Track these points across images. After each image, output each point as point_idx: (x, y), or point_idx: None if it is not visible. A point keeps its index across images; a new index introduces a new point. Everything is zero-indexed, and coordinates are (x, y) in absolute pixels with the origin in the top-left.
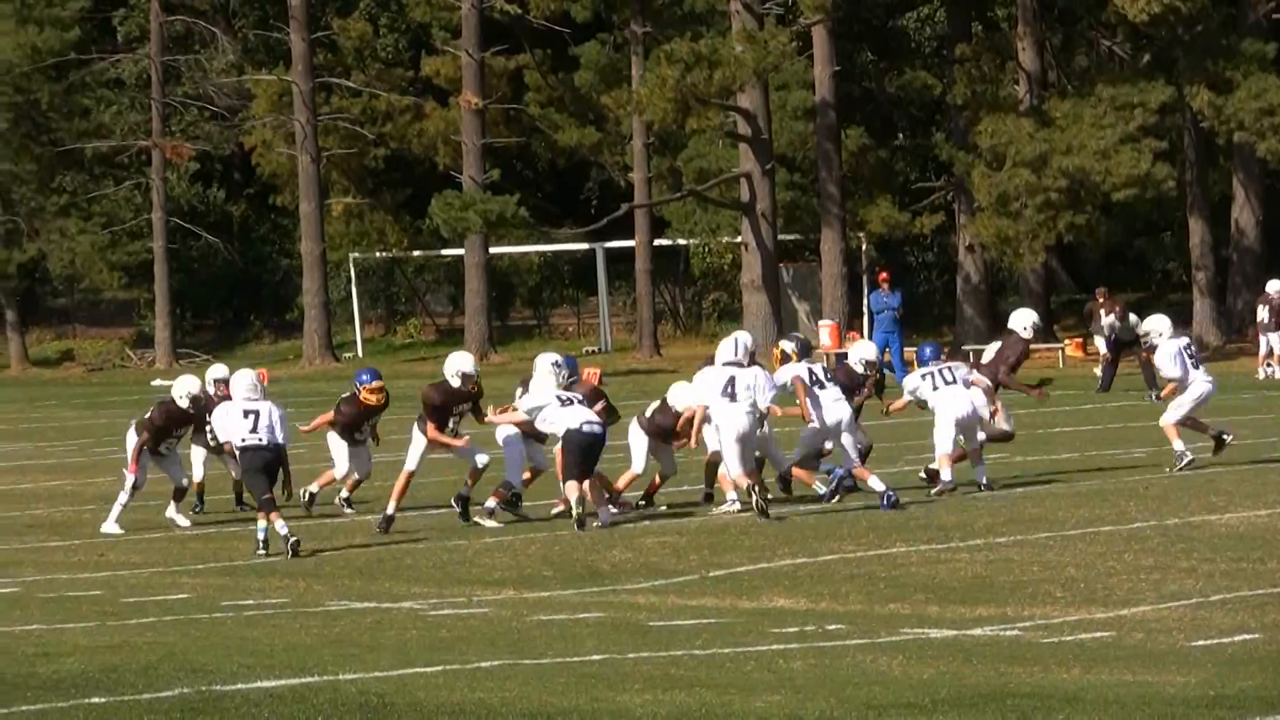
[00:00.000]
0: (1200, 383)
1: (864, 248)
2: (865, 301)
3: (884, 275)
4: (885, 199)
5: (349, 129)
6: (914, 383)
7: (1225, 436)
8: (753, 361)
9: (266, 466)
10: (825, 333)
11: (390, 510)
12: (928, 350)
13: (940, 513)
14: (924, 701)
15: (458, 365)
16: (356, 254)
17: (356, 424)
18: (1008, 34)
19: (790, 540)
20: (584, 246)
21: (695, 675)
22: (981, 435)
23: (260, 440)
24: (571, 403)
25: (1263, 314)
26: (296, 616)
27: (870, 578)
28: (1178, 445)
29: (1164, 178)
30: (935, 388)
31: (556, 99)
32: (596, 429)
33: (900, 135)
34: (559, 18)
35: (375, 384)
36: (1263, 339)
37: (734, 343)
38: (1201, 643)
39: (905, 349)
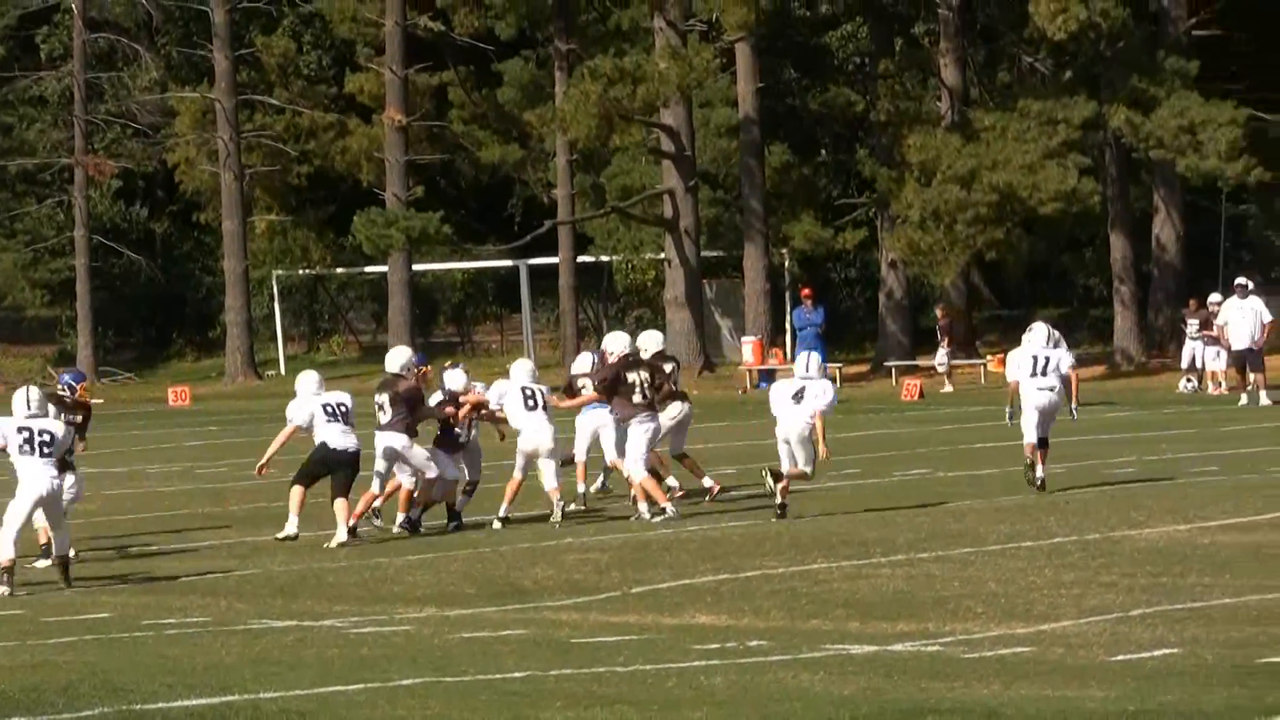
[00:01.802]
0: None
1: (787, 264)
2: (788, 318)
3: (807, 292)
4: (808, 215)
5: (272, 146)
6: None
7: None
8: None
9: None
10: (748, 349)
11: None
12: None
13: (862, 528)
14: (844, 717)
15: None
16: (280, 271)
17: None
18: (930, 51)
19: (712, 557)
20: (508, 263)
21: (617, 692)
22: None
23: None
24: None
25: (1191, 327)
26: (218, 635)
27: (792, 594)
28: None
29: (1090, 192)
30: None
31: (480, 116)
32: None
33: (823, 151)
34: (483, 35)
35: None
36: (1186, 351)
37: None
38: (1121, 657)
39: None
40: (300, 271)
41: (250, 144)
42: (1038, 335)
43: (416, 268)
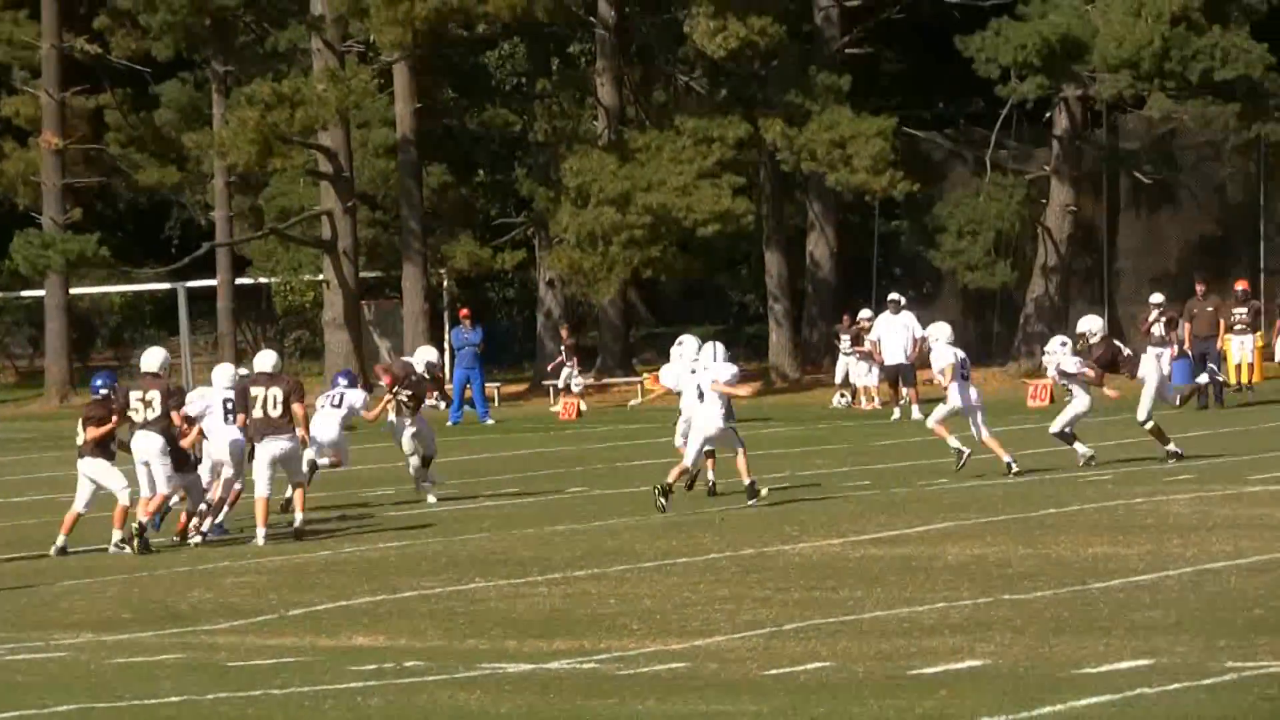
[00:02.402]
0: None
1: (445, 284)
2: (446, 338)
3: (465, 312)
4: (467, 235)
5: None
6: None
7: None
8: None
9: None
10: None
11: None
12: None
13: (518, 547)
14: None
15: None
16: None
17: None
18: (587, 70)
19: (370, 577)
20: (166, 286)
21: (272, 715)
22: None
23: None
24: None
25: (844, 343)
26: None
27: (449, 613)
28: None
29: (743, 212)
30: None
31: (137, 138)
32: None
33: (482, 172)
34: (140, 57)
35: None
36: (840, 367)
37: None
38: (774, 671)
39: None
40: None
41: None
42: (688, 349)
43: (74, 291)
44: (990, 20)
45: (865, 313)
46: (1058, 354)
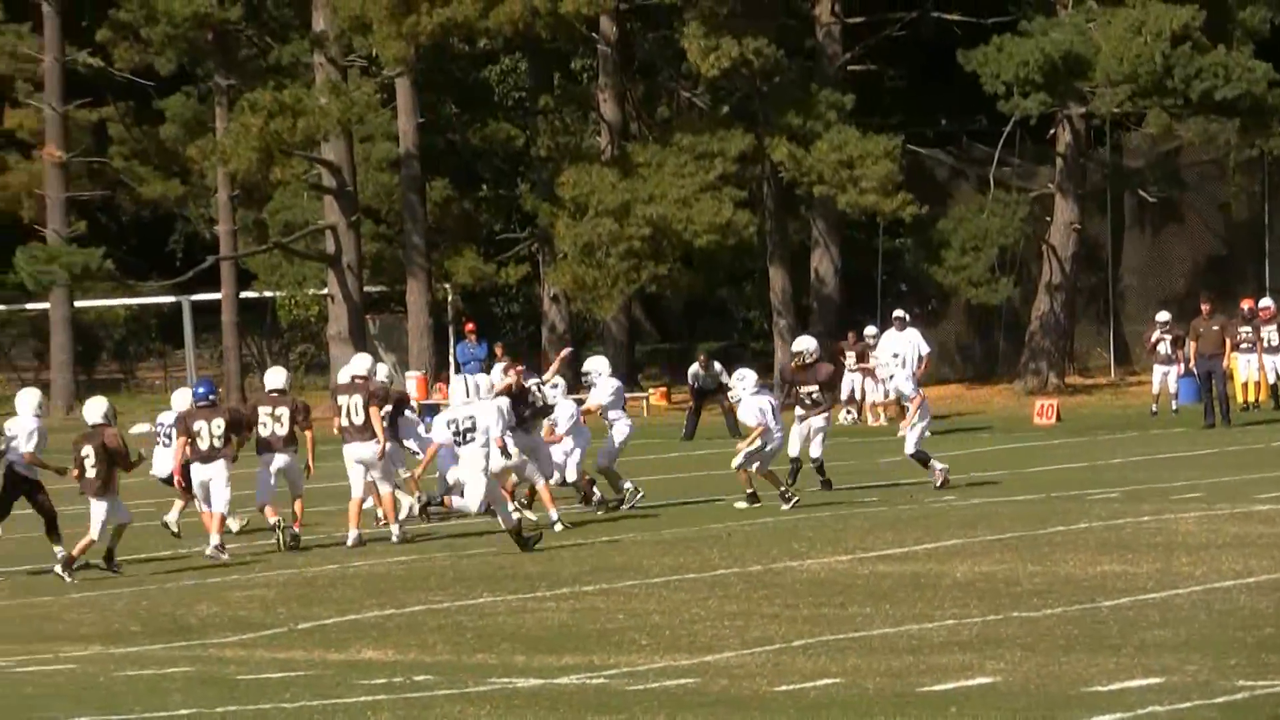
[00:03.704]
0: (775, 435)
1: (450, 299)
2: (452, 353)
3: (470, 326)
4: (470, 250)
5: None
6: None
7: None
8: None
9: None
10: (413, 384)
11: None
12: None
13: (526, 562)
14: None
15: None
16: None
17: None
18: (589, 86)
19: (378, 592)
20: (170, 299)
21: None
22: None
23: None
24: None
25: (849, 359)
26: None
27: (458, 628)
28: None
29: (745, 224)
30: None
31: (141, 151)
32: None
33: (485, 186)
34: (143, 70)
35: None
36: (845, 383)
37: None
38: (784, 687)
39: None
40: None
41: None
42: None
43: (78, 304)
44: (992, 37)
45: (871, 329)
46: (896, 375)
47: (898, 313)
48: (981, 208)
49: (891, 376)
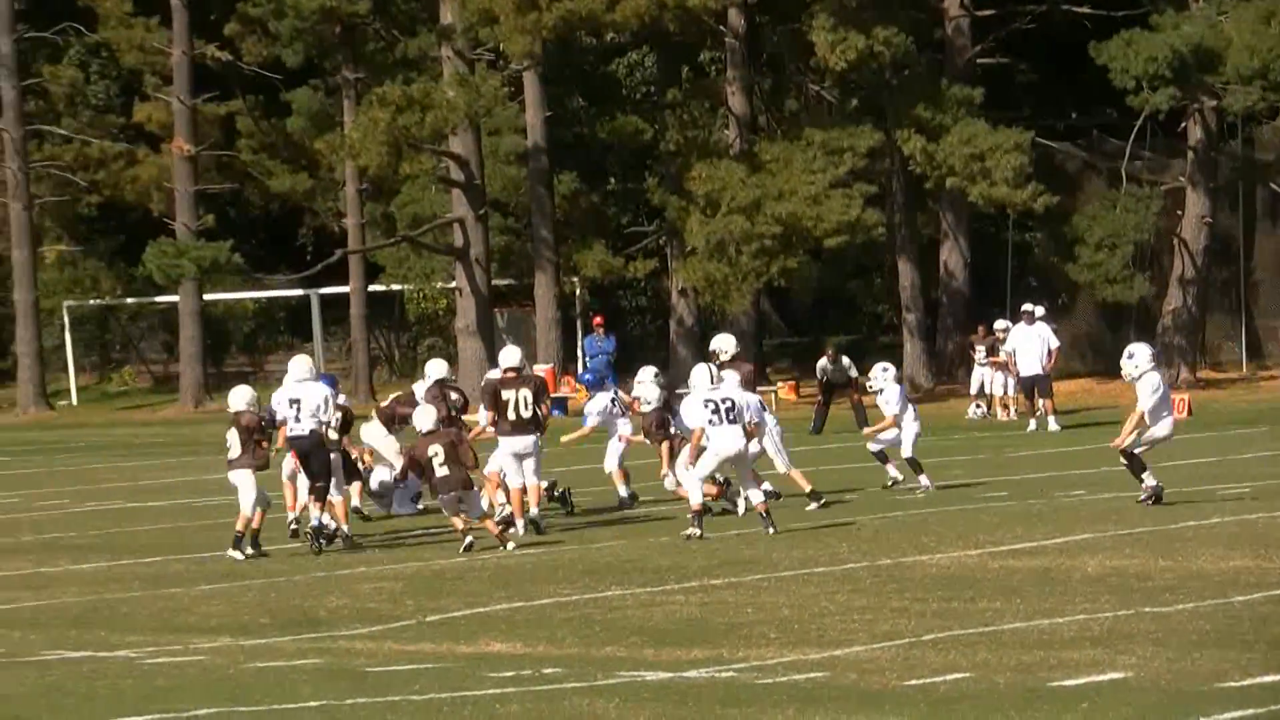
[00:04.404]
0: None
1: (578, 292)
2: (580, 346)
3: (599, 319)
4: (598, 243)
5: (61, 176)
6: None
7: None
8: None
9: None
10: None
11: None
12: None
13: (654, 555)
14: None
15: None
16: (70, 301)
17: None
18: (717, 80)
19: (506, 584)
20: (299, 292)
21: None
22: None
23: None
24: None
25: (979, 353)
26: (10, 666)
27: (585, 621)
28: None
29: (874, 224)
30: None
31: (269, 145)
32: None
33: (612, 180)
34: (270, 64)
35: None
36: (974, 377)
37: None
38: (914, 682)
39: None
40: (91, 302)
41: (39, 174)
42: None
43: (207, 297)
44: (1121, 30)
45: (1001, 323)
46: (886, 390)
47: (1027, 307)
48: (1114, 203)
49: (881, 390)
